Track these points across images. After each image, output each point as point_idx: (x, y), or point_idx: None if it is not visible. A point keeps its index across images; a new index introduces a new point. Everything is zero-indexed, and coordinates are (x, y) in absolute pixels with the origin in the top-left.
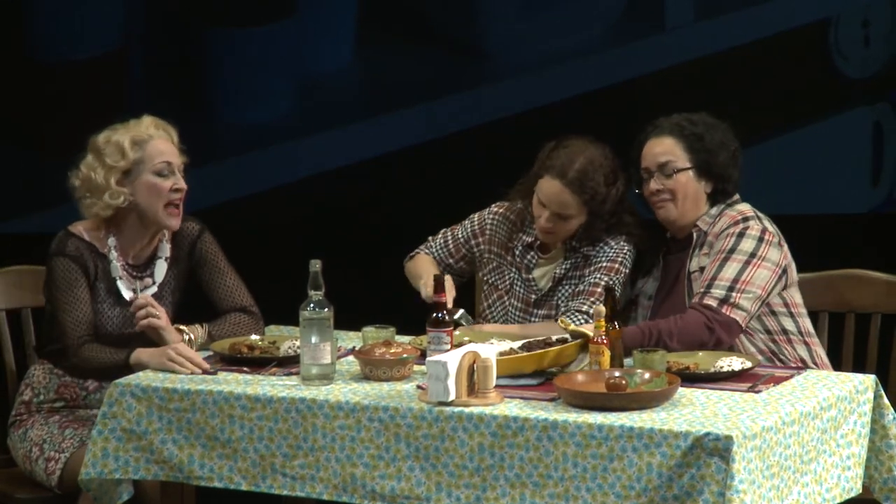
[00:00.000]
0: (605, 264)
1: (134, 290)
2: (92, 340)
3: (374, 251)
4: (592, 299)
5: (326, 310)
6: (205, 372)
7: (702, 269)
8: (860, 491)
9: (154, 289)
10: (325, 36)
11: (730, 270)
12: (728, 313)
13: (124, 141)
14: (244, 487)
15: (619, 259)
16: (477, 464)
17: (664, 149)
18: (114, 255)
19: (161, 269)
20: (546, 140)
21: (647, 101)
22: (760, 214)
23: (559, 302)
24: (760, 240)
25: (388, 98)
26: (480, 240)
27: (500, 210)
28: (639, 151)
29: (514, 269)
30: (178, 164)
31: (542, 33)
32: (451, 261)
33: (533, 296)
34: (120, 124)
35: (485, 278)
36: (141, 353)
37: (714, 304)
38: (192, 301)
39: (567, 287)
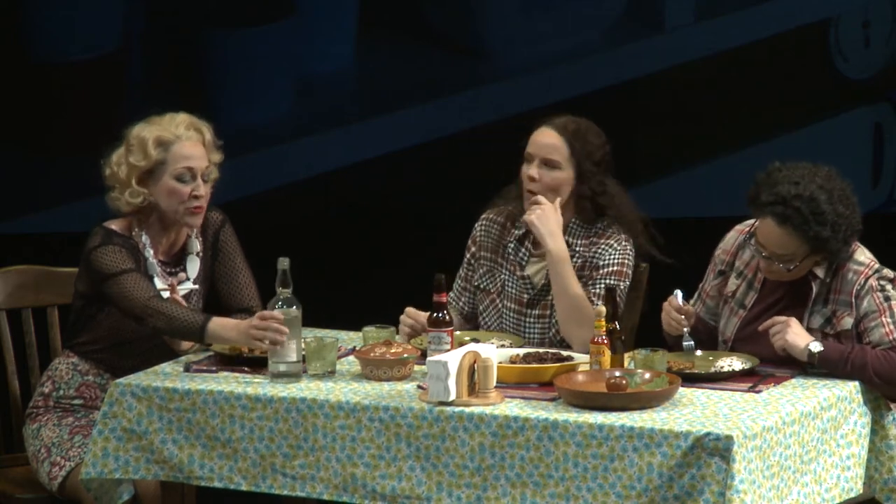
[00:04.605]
0: (615, 268)
1: (170, 286)
2: (161, 298)
3: (375, 251)
4: None
5: (295, 307)
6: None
7: (828, 327)
8: (860, 491)
9: (189, 284)
10: (325, 36)
11: None
12: None
13: (149, 139)
14: (244, 487)
15: (626, 262)
16: (477, 464)
17: (788, 247)
18: (149, 252)
19: (194, 264)
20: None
21: (647, 101)
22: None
23: (554, 302)
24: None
25: (388, 98)
26: (474, 250)
27: (489, 216)
28: (753, 204)
29: (505, 270)
30: (202, 169)
31: (542, 33)
32: (475, 302)
33: (526, 295)
34: (157, 117)
35: (476, 283)
36: (219, 327)
37: None
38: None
39: None
